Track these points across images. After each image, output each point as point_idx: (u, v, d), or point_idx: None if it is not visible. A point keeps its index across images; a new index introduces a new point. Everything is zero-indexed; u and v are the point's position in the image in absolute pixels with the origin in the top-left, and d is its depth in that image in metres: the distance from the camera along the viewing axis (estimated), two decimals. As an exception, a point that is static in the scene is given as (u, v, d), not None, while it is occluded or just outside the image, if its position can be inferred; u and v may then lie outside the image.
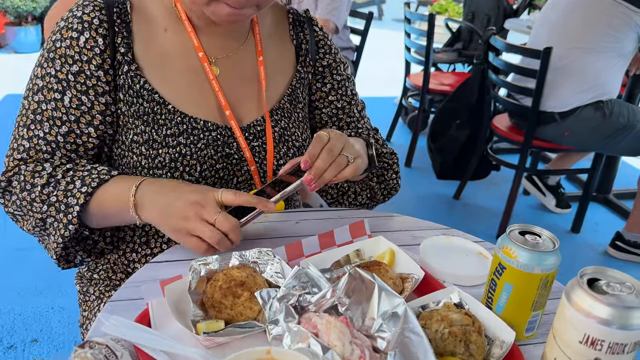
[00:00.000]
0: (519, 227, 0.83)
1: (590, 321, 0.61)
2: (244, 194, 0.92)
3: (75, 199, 0.94)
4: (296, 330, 0.67)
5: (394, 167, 1.25)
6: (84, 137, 1.01)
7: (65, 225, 0.95)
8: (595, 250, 2.96)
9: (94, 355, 0.69)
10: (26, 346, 1.93)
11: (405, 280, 0.88)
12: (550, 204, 3.31)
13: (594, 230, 3.16)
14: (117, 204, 0.94)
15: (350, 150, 0.98)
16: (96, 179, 0.95)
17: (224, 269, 0.84)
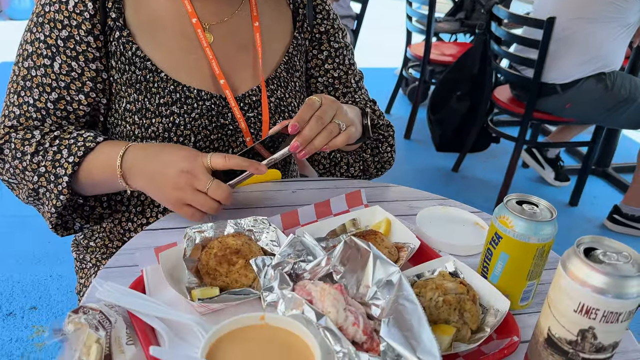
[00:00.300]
0: (517, 196, 0.83)
1: (586, 290, 0.60)
2: (234, 157, 0.90)
3: (64, 170, 0.92)
4: (290, 297, 0.67)
5: (390, 140, 1.23)
6: (74, 105, 0.99)
7: (57, 196, 0.94)
8: (593, 223, 2.97)
9: (87, 321, 0.69)
10: (25, 313, 1.95)
11: (401, 250, 0.88)
12: (549, 176, 3.31)
13: (592, 204, 3.16)
14: (106, 172, 0.93)
15: (343, 117, 0.95)
16: (82, 148, 0.93)
17: (219, 237, 0.83)
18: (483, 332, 0.75)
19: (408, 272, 0.82)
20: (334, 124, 0.94)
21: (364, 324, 0.66)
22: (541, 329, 0.67)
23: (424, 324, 0.64)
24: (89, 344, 0.68)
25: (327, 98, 0.96)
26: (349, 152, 1.20)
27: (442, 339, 0.71)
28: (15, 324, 1.90)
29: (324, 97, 0.95)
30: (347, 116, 0.97)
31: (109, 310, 0.72)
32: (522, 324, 0.82)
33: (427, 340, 0.62)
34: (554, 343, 0.65)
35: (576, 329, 0.62)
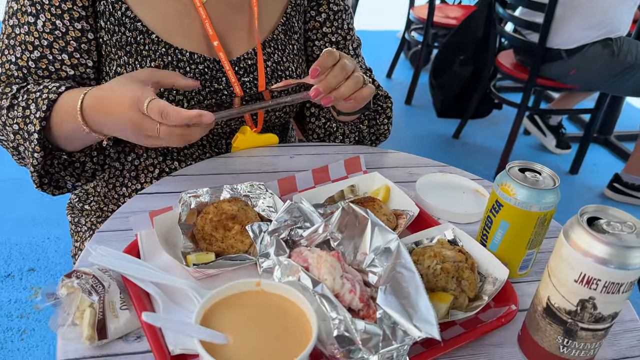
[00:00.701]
0: (519, 164, 0.81)
1: (588, 260, 0.59)
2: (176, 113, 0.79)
3: (33, 126, 0.89)
4: (286, 263, 0.66)
5: (387, 112, 1.19)
6: (56, 64, 0.95)
7: (32, 154, 0.91)
8: (593, 191, 2.96)
9: (80, 285, 0.68)
10: (23, 275, 1.95)
11: (400, 217, 0.86)
12: (551, 144, 3.28)
13: (592, 172, 3.14)
14: (73, 122, 0.88)
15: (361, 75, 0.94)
16: (45, 101, 0.89)
17: (215, 202, 0.82)
18: (481, 301, 0.74)
19: (406, 239, 0.81)
20: (359, 74, 0.91)
21: (360, 291, 0.65)
22: (540, 298, 0.66)
23: (422, 292, 0.63)
24: (82, 308, 0.67)
25: (344, 54, 0.92)
26: (345, 123, 1.16)
27: (439, 307, 0.71)
28: (13, 286, 1.90)
29: (341, 53, 0.92)
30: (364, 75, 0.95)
31: (102, 274, 0.71)
32: (521, 292, 0.81)
33: (424, 308, 0.62)
34: (552, 313, 0.64)
35: (576, 299, 0.61)
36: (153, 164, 1.05)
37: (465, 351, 0.70)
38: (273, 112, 1.09)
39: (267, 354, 0.56)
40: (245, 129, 1.07)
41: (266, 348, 0.57)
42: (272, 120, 1.10)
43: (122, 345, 0.66)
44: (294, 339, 0.58)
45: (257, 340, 0.58)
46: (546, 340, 0.66)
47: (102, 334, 0.65)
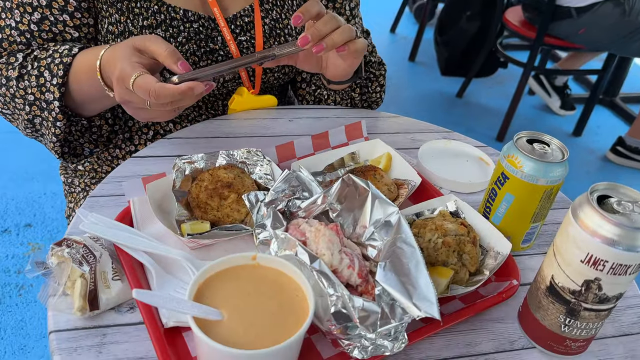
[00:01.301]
0: (527, 134, 0.77)
1: (595, 241, 0.57)
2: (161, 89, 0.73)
3: (52, 94, 0.85)
4: (283, 237, 0.64)
5: (380, 80, 1.14)
6: (59, 26, 0.90)
7: (54, 123, 0.88)
8: (595, 154, 2.93)
9: (70, 255, 0.66)
10: (20, 230, 1.95)
11: (401, 187, 0.84)
12: (555, 105, 3.22)
13: (596, 134, 3.10)
14: (94, 87, 0.83)
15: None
16: (60, 65, 0.85)
17: (210, 169, 0.79)
18: (482, 275, 0.72)
19: (407, 210, 0.79)
20: (350, 26, 0.85)
21: (359, 266, 0.63)
22: (544, 276, 0.64)
23: (422, 268, 0.61)
24: (73, 278, 0.65)
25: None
26: (336, 91, 1.11)
27: (439, 282, 0.69)
28: (10, 241, 1.90)
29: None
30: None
31: (93, 243, 0.69)
32: (522, 266, 0.80)
33: (423, 285, 0.60)
34: (556, 292, 0.62)
35: (581, 280, 0.60)
36: (147, 125, 1.02)
37: (465, 326, 0.69)
38: (271, 72, 1.04)
39: (262, 332, 0.55)
40: (243, 90, 1.03)
41: (261, 325, 0.56)
42: (270, 81, 1.06)
43: (114, 317, 0.65)
44: (290, 316, 0.57)
45: (253, 317, 0.56)
46: (547, 319, 0.65)
47: (93, 305, 0.64)
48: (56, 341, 0.61)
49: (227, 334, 0.54)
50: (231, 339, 0.54)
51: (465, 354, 0.66)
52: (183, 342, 0.63)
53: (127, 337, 0.63)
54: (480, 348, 0.67)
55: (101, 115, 0.96)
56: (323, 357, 0.63)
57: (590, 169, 2.80)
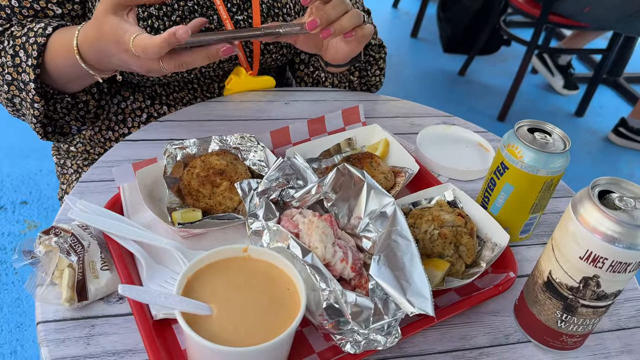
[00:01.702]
0: (529, 123, 0.75)
1: (595, 238, 0.55)
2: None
3: (27, 75, 0.82)
4: (275, 229, 0.62)
5: (380, 63, 1.10)
6: (41, 2, 0.86)
7: (31, 105, 0.85)
8: (597, 135, 2.90)
9: (58, 244, 0.64)
10: (16, 208, 1.93)
11: (398, 175, 0.82)
12: (558, 84, 3.18)
13: (598, 114, 3.07)
14: (73, 66, 0.80)
15: None
16: (35, 46, 0.81)
17: (202, 155, 0.77)
18: (478, 267, 0.71)
19: (404, 199, 0.77)
20: (359, 11, 0.83)
21: (352, 259, 0.62)
22: (541, 271, 0.63)
23: (416, 262, 0.60)
24: (61, 268, 0.64)
25: None
26: (334, 74, 1.08)
27: (435, 274, 0.68)
28: (6, 218, 1.88)
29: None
30: None
31: (82, 232, 0.67)
32: (520, 257, 0.79)
33: (418, 280, 0.59)
34: (553, 287, 0.61)
35: (579, 276, 0.58)
36: (140, 107, 0.99)
37: (459, 319, 0.68)
38: (269, 54, 1.01)
39: (252, 327, 0.54)
40: (240, 70, 1.00)
41: (252, 320, 0.55)
42: (267, 62, 1.03)
43: (103, 307, 0.64)
44: (281, 310, 0.56)
45: (243, 311, 0.55)
46: (544, 314, 0.63)
47: (82, 296, 0.63)
48: (44, 332, 0.60)
49: (216, 330, 0.53)
50: (221, 335, 0.52)
51: (459, 348, 0.65)
52: (173, 335, 0.62)
53: (116, 328, 0.62)
54: (475, 342, 0.66)
55: (86, 90, 0.93)
56: (315, 351, 0.62)
57: (591, 149, 2.78)
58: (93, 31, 0.76)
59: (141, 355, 0.59)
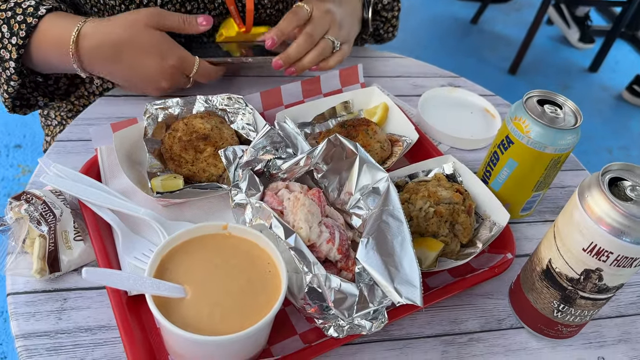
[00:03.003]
0: (539, 93, 0.69)
1: (601, 230, 0.51)
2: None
3: (8, 53, 0.77)
4: (258, 206, 0.58)
5: (392, 21, 1.03)
6: None
7: (7, 81, 0.80)
8: (610, 92, 2.80)
9: (28, 212, 0.60)
10: (10, 151, 1.89)
11: (395, 144, 0.77)
12: (573, 37, 3.05)
13: (613, 71, 2.95)
14: (60, 58, 0.77)
15: (337, 33, 0.85)
16: (23, 25, 0.76)
17: (186, 117, 0.72)
18: (474, 248, 0.67)
19: (400, 171, 0.73)
20: (327, 41, 0.85)
21: (339, 240, 0.58)
22: (540, 258, 0.59)
23: (407, 246, 0.56)
24: (32, 237, 0.61)
25: (318, 8, 0.83)
26: None
27: (427, 255, 0.64)
28: (0, 162, 1.85)
29: (316, 6, 0.82)
30: (342, 30, 0.86)
31: (54, 199, 0.63)
32: (519, 235, 0.75)
33: (407, 266, 0.55)
34: (552, 276, 0.57)
35: (581, 268, 0.54)
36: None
37: (451, 300, 0.65)
38: (264, 9, 0.93)
39: (228, 312, 0.51)
40: (230, 24, 0.92)
41: (228, 304, 0.51)
42: (262, 18, 0.95)
43: (76, 279, 0.61)
44: (260, 295, 0.52)
45: (219, 294, 0.52)
46: (540, 302, 0.60)
47: (54, 267, 0.59)
48: (14, 305, 0.58)
49: (189, 314, 0.50)
50: (194, 321, 0.49)
51: (449, 332, 0.62)
52: (149, 311, 0.58)
53: (89, 302, 0.59)
54: (465, 326, 0.63)
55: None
56: (297, 332, 0.59)
57: (602, 107, 2.69)
58: (116, 36, 0.75)
59: (115, 332, 0.57)
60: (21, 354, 0.54)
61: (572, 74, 2.88)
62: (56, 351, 0.54)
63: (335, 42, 0.84)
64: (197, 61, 0.79)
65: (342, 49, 0.86)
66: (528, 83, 2.72)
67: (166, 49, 0.77)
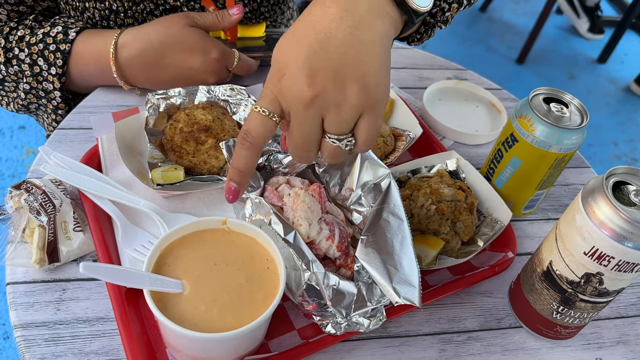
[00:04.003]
0: (546, 91, 0.68)
1: (603, 235, 0.50)
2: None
3: (51, 84, 0.78)
4: (258, 202, 0.58)
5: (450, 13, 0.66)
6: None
7: (54, 111, 0.82)
8: (618, 84, 2.77)
9: (28, 202, 0.60)
10: (14, 133, 1.89)
11: (399, 138, 0.76)
12: (583, 27, 3.01)
13: (622, 62, 2.92)
14: (103, 73, 0.78)
15: (339, 118, 0.49)
16: (58, 54, 0.76)
17: (187, 108, 0.71)
18: (475, 246, 0.67)
19: (402, 167, 0.72)
20: (329, 144, 0.51)
21: (339, 238, 0.58)
22: (541, 259, 0.59)
23: (407, 245, 0.56)
24: (32, 226, 0.61)
25: (298, 99, 0.48)
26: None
27: (428, 253, 0.64)
28: (4, 144, 1.85)
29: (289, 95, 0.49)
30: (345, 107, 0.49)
31: (54, 189, 0.63)
32: (521, 233, 0.74)
33: (407, 266, 0.54)
34: (552, 279, 0.57)
35: (582, 272, 0.54)
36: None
37: (449, 298, 0.65)
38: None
39: (226, 308, 0.50)
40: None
41: (226, 300, 0.51)
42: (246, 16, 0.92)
43: (75, 270, 0.61)
44: (258, 291, 0.52)
45: (217, 290, 0.52)
46: (539, 303, 0.60)
47: (53, 257, 0.59)
48: (12, 294, 0.58)
49: (187, 310, 0.50)
50: (191, 316, 0.49)
51: (447, 330, 0.62)
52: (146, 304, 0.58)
53: (88, 293, 0.59)
54: (464, 324, 0.63)
55: None
56: (295, 327, 0.59)
57: (610, 100, 2.66)
58: (157, 39, 0.75)
59: (113, 323, 0.57)
60: (20, 344, 0.54)
61: (579, 64, 2.85)
62: (54, 342, 0.55)
63: (342, 142, 0.51)
64: (237, 54, 0.80)
65: (361, 139, 0.51)
66: (535, 73, 2.70)
67: (208, 43, 0.77)
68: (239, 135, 0.51)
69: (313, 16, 0.49)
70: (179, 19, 0.77)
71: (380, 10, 0.50)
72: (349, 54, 0.47)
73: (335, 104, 0.48)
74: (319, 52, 0.47)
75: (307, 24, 0.49)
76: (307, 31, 0.48)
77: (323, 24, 0.48)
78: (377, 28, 0.49)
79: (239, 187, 0.53)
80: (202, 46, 0.77)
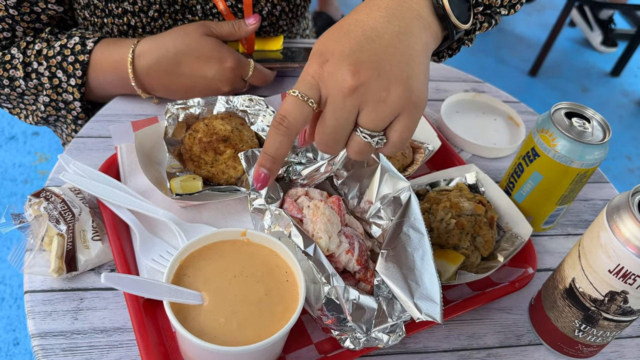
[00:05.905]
0: (568, 106, 0.68)
1: (629, 252, 0.50)
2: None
3: (71, 95, 0.79)
4: (277, 214, 0.57)
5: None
6: (41, 4, 0.78)
7: (74, 121, 0.83)
8: (631, 97, 2.75)
9: (47, 211, 0.60)
10: (27, 138, 1.91)
11: (417, 151, 0.76)
12: (596, 40, 3.00)
13: (636, 76, 2.90)
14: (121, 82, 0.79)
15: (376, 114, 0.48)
16: (77, 65, 0.77)
17: (206, 118, 0.71)
18: (495, 261, 0.66)
19: (421, 179, 0.71)
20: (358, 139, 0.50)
21: (359, 251, 0.57)
22: (564, 276, 0.58)
23: (428, 259, 0.55)
24: (51, 235, 0.61)
25: (336, 86, 0.47)
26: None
27: (447, 268, 0.63)
28: (17, 149, 1.86)
29: (329, 82, 0.48)
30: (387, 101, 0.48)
31: (73, 197, 0.63)
32: (540, 248, 0.73)
33: (428, 281, 0.54)
34: (575, 296, 0.56)
35: (606, 290, 0.53)
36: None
37: (469, 314, 0.64)
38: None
39: (245, 321, 0.50)
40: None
41: (245, 313, 0.51)
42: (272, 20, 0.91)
43: (93, 279, 0.61)
44: (278, 305, 0.52)
45: (236, 303, 0.51)
46: (561, 321, 0.59)
47: (71, 266, 0.59)
48: (30, 303, 0.58)
49: (206, 322, 0.49)
50: (210, 328, 0.49)
51: (467, 347, 0.61)
52: (165, 314, 0.58)
53: (106, 303, 0.59)
54: (483, 341, 0.62)
55: None
56: (313, 341, 0.59)
57: (623, 113, 2.64)
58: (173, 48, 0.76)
59: (131, 334, 0.57)
60: (37, 353, 0.54)
61: (592, 77, 2.83)
62: (72, 352, 0.54)
63: (374, 139, 0.49)
64: (253, 64, 0.80)
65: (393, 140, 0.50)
66: (548, 86, 2.68)
67: (224, 52, 0.77)
68: (274, 120, 0.50)
69: (361, 14, 0.50)
70: (196, 28, 0.77)
71: (425, 22, 0.51)
72: (395, 55, 0.48)
73: (375, 99, 0.47)
74: (366, 46, 0.47)
75: (355, 22, 0.49)
76: (355, 27, 0.49)
77: (370, 24, 0.48)
78: (421, 38, 0.50)
79: (269, 173, 0.52)
80: (217, 55, 0.77)
